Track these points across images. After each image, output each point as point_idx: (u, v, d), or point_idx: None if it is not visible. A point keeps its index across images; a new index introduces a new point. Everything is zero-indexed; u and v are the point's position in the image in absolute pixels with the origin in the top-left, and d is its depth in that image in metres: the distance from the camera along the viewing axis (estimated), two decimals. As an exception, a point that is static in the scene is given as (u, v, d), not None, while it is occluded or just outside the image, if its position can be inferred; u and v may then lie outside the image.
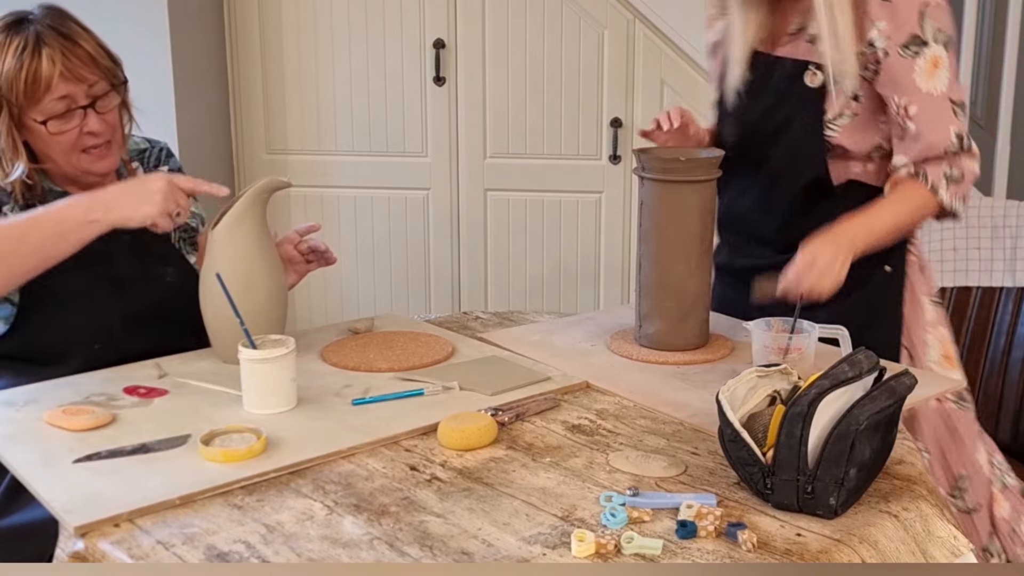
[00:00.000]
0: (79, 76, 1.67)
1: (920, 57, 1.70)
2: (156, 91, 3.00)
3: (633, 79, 3.14)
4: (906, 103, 1.71)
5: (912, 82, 1.70)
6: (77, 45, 1.68)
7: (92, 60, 1.69)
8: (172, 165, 1.93)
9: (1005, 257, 2.35)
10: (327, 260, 1.87)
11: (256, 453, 1.34)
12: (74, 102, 1.68)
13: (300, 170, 3.30)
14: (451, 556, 1.12)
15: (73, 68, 1.66)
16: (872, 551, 1.15)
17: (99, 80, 1.70)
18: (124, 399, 1.54)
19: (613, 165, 3.20)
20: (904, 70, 1.70)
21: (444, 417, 1.42)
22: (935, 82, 1.71)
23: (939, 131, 1.71)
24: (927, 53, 1.70)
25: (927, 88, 1.70)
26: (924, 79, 1.70)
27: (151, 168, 1.90)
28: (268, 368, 1.47)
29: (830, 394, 1.20)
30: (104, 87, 1.72)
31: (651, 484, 1.28)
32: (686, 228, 1.72)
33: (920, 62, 1.70)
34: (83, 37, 1.70)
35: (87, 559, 1.15)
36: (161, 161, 1.92)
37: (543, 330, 1.89)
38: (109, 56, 1.74)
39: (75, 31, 1.70)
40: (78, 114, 1.69)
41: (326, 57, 3.26)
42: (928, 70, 1.70)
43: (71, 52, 1.67)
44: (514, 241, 3.32)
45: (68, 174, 1.75)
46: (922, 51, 1.70)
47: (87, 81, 1.69)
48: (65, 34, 1.68)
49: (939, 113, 1.71)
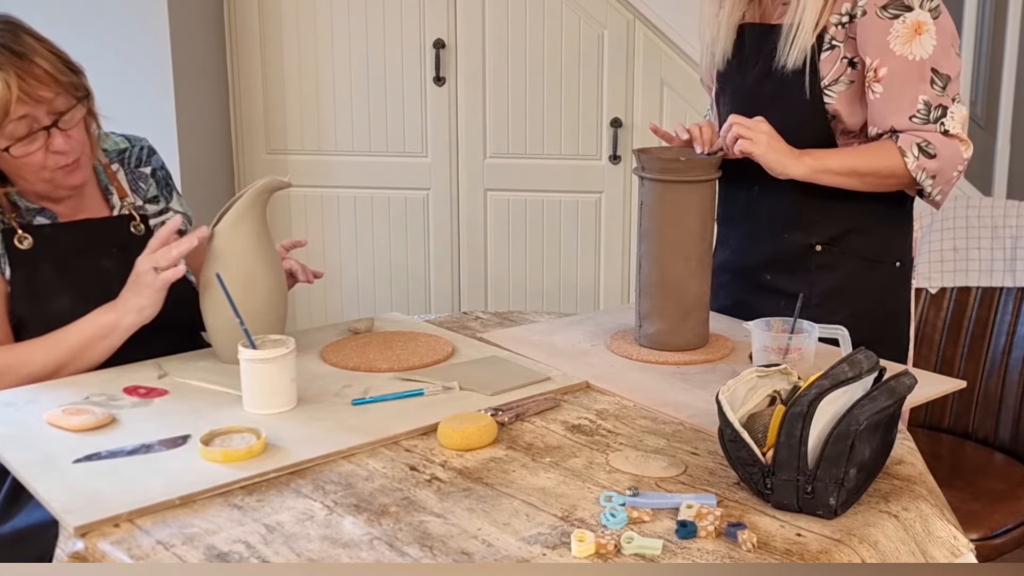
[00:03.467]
0: (37, 97, 1.61)
1: (899, 20, 1.68)
2: (156, 91, 3.01)
3: (633, 79, 3.14)
4: (876, 64, 1.70)
5: (884, 44, 1.68)
6: (32, 63, 1.60)
7: (50, 77, 1.62)
8: (155, 164, 1.90)
9: (1005, 257, 2.35)
10: (307, 279, 1.84)
11: (256, 453, 1.34)
12: (36, 122, 1.63)
13: (300, 170, 3.30)
14: (451, 556, 1.12)
15: (30, 90, 1.60)
16: (872, 551, 1.15)
17: (59, 95, 1.64)
18: (124, 399, 1.54)
19: (613, 165, 3.20)
20: (878, 31, 1.69)
21: (444, 417, 1.42)
22: (913, 47, 1.68)
23: (906, 96, 1.69)
24: (908, 17, 1.68)
25: (901, 52, 1.68)
26: (900, 43, 1.68)
27: (132, 168, 1.87)
28: (268, 368, 1.47)
29: (830, 394, 1.20)
30: (66, 101, 1.65)
31: (651, 484, 1.28)
32: (686, 228, 1.72)
33: (898, 25, 1.68)
34: (39, 53, 1.62)
35: (87, 559, 1.15)
36: (143, 161, 1.88)
37: (543, 330, 1.89)
38: (69, 67, 1.67)
39: (30, 47, 1.61)
40: (41, 135, 1.64)
41: (326, 57, 3.26)
42: (906, 34, 1.68)
43: (27, 73, 1.59)
44: (514, 241, 3.32)
45: (40, 191, 1.73)
46: (903, 15, 1.68)
47: (46, 100, 1.63)
48: (19, 52, 1.60)
49: (908, 78, 1.69)
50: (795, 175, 1.72)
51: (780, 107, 1.79)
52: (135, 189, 1.86)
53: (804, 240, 1.83)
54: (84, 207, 1.79)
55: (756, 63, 1.82)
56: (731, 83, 1.88)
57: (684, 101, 3.10)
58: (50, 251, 1.73)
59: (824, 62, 1.74)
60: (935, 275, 2.40)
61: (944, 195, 1.76)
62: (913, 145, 1.71)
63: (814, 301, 1.77)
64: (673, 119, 3.10)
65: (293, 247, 1.84)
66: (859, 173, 1.74)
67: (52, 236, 1.74)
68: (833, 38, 1.74)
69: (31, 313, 1.70)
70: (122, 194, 1.84)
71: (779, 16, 1.79)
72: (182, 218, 1.79)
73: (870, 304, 1.83)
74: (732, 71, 1.87)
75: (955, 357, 2.38)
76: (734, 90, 1.88)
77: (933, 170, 1.72)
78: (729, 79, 1.89)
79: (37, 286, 1.71)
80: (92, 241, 1.77)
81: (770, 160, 1.71)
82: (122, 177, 1.85)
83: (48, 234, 1.74)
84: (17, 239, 1.71)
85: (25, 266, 1.71)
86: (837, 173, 1.73)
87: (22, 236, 1.71)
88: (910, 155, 1.70)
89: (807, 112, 1.77)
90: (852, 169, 1.73)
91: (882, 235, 1.84)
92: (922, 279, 2.41)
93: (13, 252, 1.71)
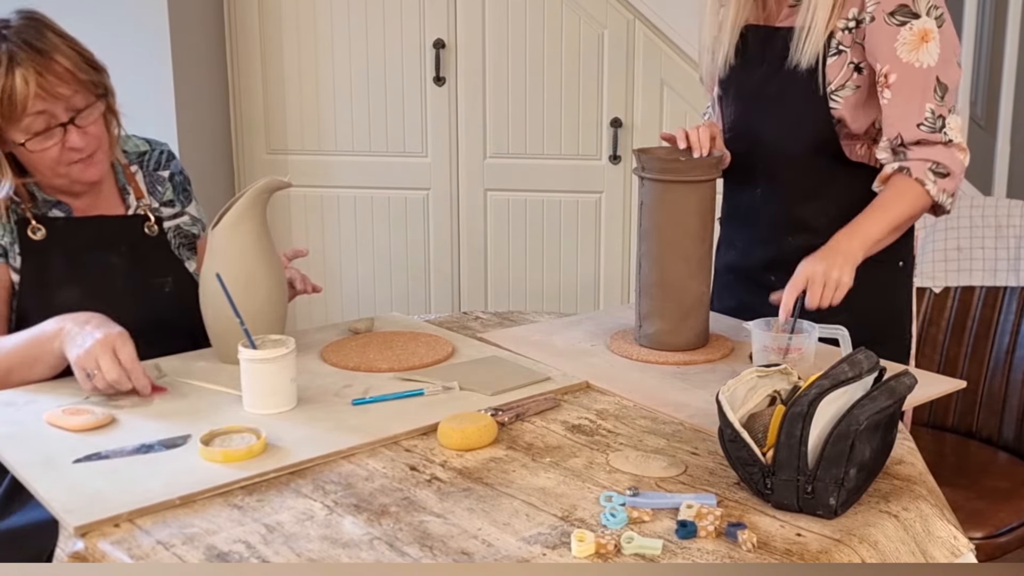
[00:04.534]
0: (55, 94, 1.62)
1: (906, 28, 1.68)
2: (156, 91, 3.01)
3: (633, 79, 3.14)
4: (887, 71, 1.71)
5: (892, 50, 1.69)
6: (53, 61, 1.61)
7: (70, 75, 1.63)
8: (173, 168, 1.91)
9: (1009, 256, 2.35)
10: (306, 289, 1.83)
11: (256, 453, 1.34)
12: (54, 118, 1.64)
13: (300, 170, 3.30)
14: (451, 556, 1.12)
15: (49, 86, 1.61)
16: (872, 551, 1.15)
17: (78, 92, 1.65)
18: (124, 399, 1.54)
19: (613, 165, 3.20)
20: (886, 37, 1.69)
21: (444, 417, 1.42)
22: (920, 55, 1.69)
23: (913, 103, 1.70)
24: (915, 25, 1.68)
25: (908, 59, 1.69)
26: (907, 50, 1.69)
27: (151, 171, 1.87)
28: (268, 368, 1.47)
29: (830, 394, 1.20)
30: (85, 99, 1.66)
31: (651, 484, 1.28)
32: (686, 228, 1.72)
33: (905, 32, 1.68)
34: (60, 51, 1.63)
35: (87, 559, 1.15)
36: (162, 164, 1.89)
37: (543, 330, 1.89)
38: (91, 65, 1.68)
39: (52, 44, 1.63)
40: (58, 131, 1.65)
41: (326, 57, 3.26)
42: (913, 42, 1.68)
43: (46, 69, 1.61)
44: (514, 241, 3.31)
45: (57, 185, 1.73)
46: (910, 22, 1.68)
47: (64, 97, 1.63)
48: (40, 49, 1.61)
49: (915, 85, 1.70)
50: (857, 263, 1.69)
51: (785, 109, 1.79)
52: (152, 192, 1.86)
53: (807, 242, 1.83)
54: (100, 204, 1.80)
55: (761, 65, 1.82)
56: (735, 84, 1.88)
57: (684, 101, 3.10)
58: (62, 244, 1.74)
59: (831, 67, 1.74)
60: (939, 274, 2.40)
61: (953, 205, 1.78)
62: (927, 172, 1.71)
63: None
64: (673, 119, 3.10)
65: (295, 257, 1.83)
66: (900, 227, 1.75)
67: (65, 229, 1.75)
68: (840, 43, 1.74)
69: (36, 304, 1.70)
70: (139, 195, 1.84)
71: (784, 18, 1.79)
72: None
73: (872, 304, 1.83)
74: (736, 73, 1.87)
75: (959, 356, 2.38)
76: (738, 91, 1.88)
77: (951, 189, 1.74)
78: (732, 80, 1.88)
79: (46, 277, 1.72)
80: (104, 237, 1.78)
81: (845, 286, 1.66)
82: (140, 179, 1.86)
83: (61, 227, 1.75)
84: (31, 230, 1.72)
85: (36, 257, 1.72)
86: (884, 239, 1.73)
87: (36, 227, 1.72)
88: (929, 183, 1.72)
89: (812, 115, 1.77)
90: (893, 227, 1.74)
91: None
92: (926, 279, 2.40)
93: (26, 242, 1.71)
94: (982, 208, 2.40)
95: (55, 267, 1.73)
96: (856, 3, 1.72)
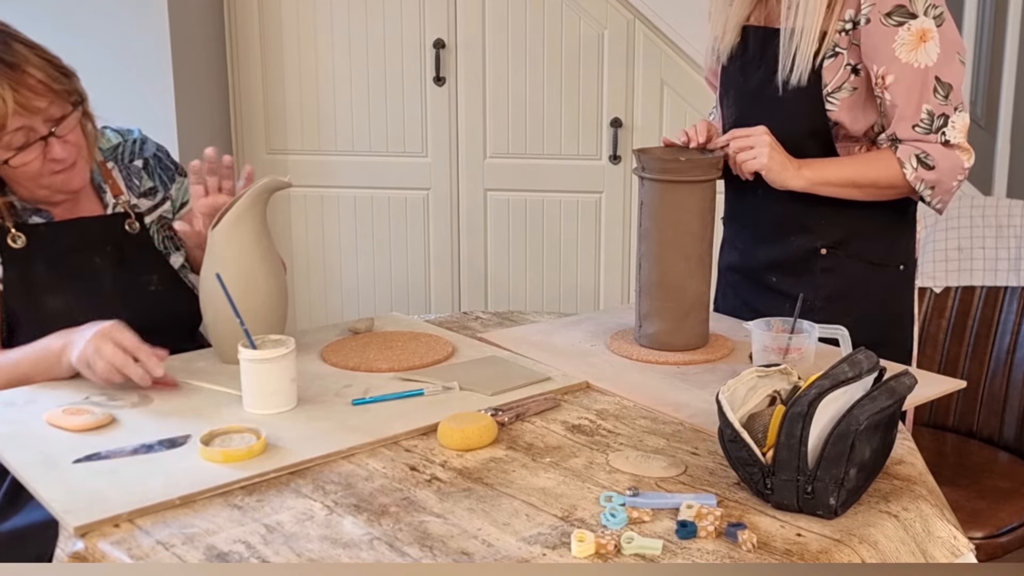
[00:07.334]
0: (32, 108, 1.60)
1: (904, 28, 1.68)
2: (156, 91, 3.00)
3: (633, 79, 3.14)
4: (883, 72, 1.70)
5: (891, 51, 1.69)
6: (25, 74, 1.59)
7: (44, 87, 1.61)
8: (146, 153, 1.88)
9: (1010, 256, 2.35)
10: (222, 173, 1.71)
11: (256, 453, 1.34)
12: (33, 132, 1.62)
13: (300, 170, 3.30)
14: (451, 556, 1.12)
15: (25, 101, 1.59)
16: (872, 551, 1.15)
17: (53, 103, 1.63)
18: (124, 399, 1.54)
19: (613, 165, 3.20)
20: (883, 38, 1.69)
21: (444, 417, 1.42)
22: (918, 55, 1.68)
23: (910, 105, 1.70)
24: (913, 25, 1.68)
25: (906, 59, 1.69)
26: (905, 50, 1.68)
27: (126, 163, 1.85)
28: (268, 368, 1.47)
29: (830, 394, 1.20)
30: (61, 108, 1.65)
31: (651, 484, 1.28)
32: (686, 228, 1.72)
33: (903, 32, 1.68)
34: (30, 62, 1.60)
35: (87, 559, 1.15)
36: (136, 154, 1.87)
37: (543, 330, 1.89)
38: (62, 72, 1.66)
39: (21, 56, 1.60)
40: (39, 144, 1.64)
41: (326, 57, 3.26)
42: (911, 42, 1.68)
43: (20, 84, 1.58)
44: (514, 241, 3.31)
45: (39, 196, 1.73)
46: (908, 22, 1.68)
47: (41, 110, 1.62)
48: (11, 63, 1.58)
49: (913, 86, 1.70)
50: (794, 187, 1.73)
51: (781, 111, 1.78)
52: (129, 186, 1.85)
53: (808, 243, 1.83)
54: (79, 207, 1.79)
55: (759, 66, 1.82)
56: (734, 84, 1.88)
57: (684, 101, 3.10)
58: (44, 250, 1.73)
59: (827, 69, 1.74)
60: (939, 275, 2.40)
61: (944, 204, 1.78)
62: (912, 156, 1.71)
63: (818, 304, 1.77)
64: (673, 119, 3.10)
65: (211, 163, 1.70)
66: (858, 184, 1.75)
67: (46, 235, 1.74)
68: (836, 44, 1.73)
69: (25, 312, 1.69)
70: (116, 192, 1.83)
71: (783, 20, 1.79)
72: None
73: (874, 308, 1.83)
74: (735, 72, 1.87)
75: (959, 356, 2.38)
76: (737, 92, 1.88)
77: (932, 181, 1.73)
78: (732, 80, 1.88)
79: (30, 285, 1.71)
80: (86, 240, 1.77)
81: (770, 172, 1.73)
82: (117, 175, 1.84)
83: (42, 233, 1.74)
84: (11, 238, 1.71)
85: (18, 265, 1.71)
86: (836, 185, 1.74)
87: (16, 235, 1.71)
88: (908, 167, 1.72)
89: (808, 118, 1.77)
90: (851, 181, 1.74)
91: (886, 239, 1.85)
92: (926, 279, 2.41)
93: (6, 251, 1.70)
94: (982, 208, 2.40)
95: (38, 274, 1.72)
96: (852, 4, 1.71)
